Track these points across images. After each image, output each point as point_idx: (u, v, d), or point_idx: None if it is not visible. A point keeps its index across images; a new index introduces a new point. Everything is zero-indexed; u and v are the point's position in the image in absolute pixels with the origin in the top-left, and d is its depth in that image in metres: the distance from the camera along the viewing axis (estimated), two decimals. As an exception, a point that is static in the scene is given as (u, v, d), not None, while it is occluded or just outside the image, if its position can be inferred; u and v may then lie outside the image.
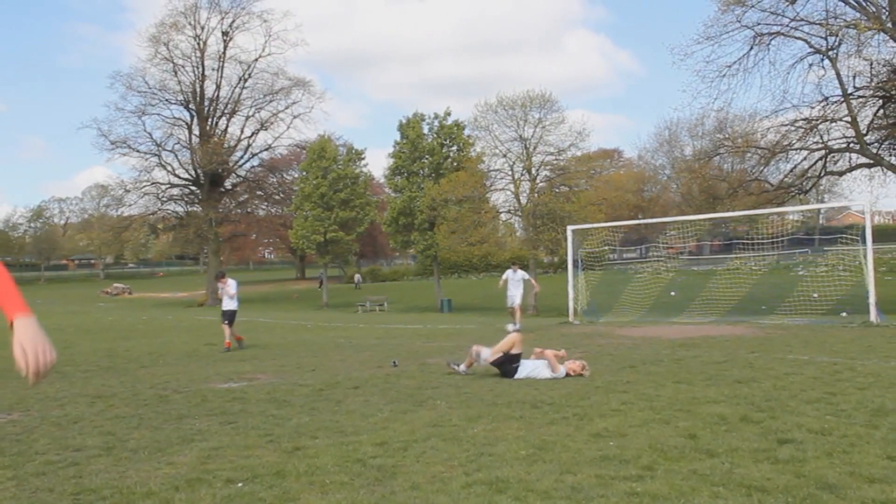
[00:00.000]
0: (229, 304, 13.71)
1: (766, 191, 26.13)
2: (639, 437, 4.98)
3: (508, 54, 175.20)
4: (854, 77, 22.61)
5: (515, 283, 16.63)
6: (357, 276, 61.99)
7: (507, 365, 8.20)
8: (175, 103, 48.23)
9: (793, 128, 23.93)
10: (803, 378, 7.42)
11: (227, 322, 13.53)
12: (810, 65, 22.99)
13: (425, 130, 39.17)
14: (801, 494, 3.62)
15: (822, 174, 25.25)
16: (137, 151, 47.42)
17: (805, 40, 22.66)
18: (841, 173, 25.45)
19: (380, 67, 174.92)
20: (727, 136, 29.22)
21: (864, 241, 14.68)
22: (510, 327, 14.99)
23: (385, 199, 45.81)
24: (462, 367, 8.57)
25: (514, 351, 8.18)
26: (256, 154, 51.36)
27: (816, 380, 7.28)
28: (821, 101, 23.16)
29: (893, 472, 3.95)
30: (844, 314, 16.33)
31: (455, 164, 37.75)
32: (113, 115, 50.00)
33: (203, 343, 14.88)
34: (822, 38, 22.26)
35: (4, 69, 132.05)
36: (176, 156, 48.67)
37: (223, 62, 48.31)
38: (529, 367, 8.24)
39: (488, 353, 8.14)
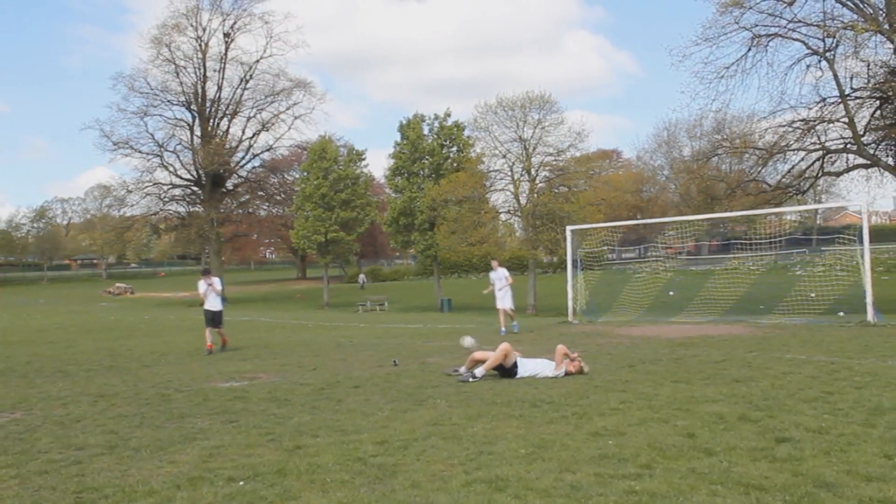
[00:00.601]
0: (216, 304, 13.58)
1: (763, 191, 26.15)
2: (637, 435, 5.02)
3: (508, 55, 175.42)
4: (851, 78, 22.63)
5: (500, 282, 15.71)
6: (361, 277, 62.28)
7: (505, 371, 8.21)
8: (177, 104, 48.35)
9: (790, 129, 23.96)
10: (801, 377, 7.45)
11: (218, 326, 13.44)
12: (808, 66, 23.03)
13: (425, 131, 39.26)
14: (799, 493, 3.65)
15: (819, 175, 25.26)
16: (139, 152, 47.54)
17: (803, 42, 22.70)
18: (838, 174, 25.47)
19: (380, 68, 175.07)
20: (725, 136, 29.24)
21: (861, 242, 14.70)
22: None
23: (385, 199, 45.88)
24: (462, 369, 8.55)
25: (508, 363, 8.18)
26: (258, 155, 51.49)
27: (814, 379, 7.32)
28: (818, 102, 23.20)
29: (890, 471, 3.98)
30: (842, 314, 16.37)
31: (455, 164, 37.83)
32: (115, 115, 50.07)
33: (204, 342, 14.87)
34: (819, 39, 22.30)
35: (7, 70, 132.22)
36: (178, 156, 48.81)
37: (224, 63, 48.41)
38: (531, 367, 8.25)
39: (482, 371, 8.14)
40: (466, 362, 8.56)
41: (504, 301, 15.55)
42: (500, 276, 15.79)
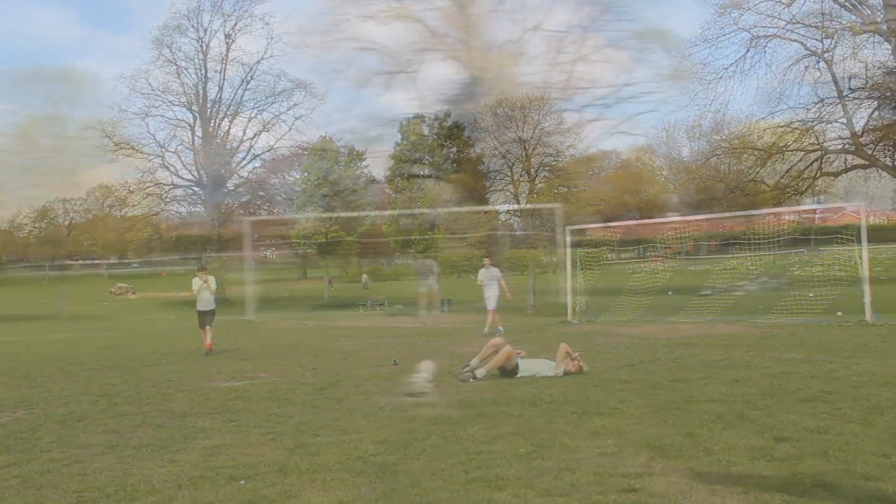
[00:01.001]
0: (209, 304, 13.34)
1: (762, 192, 26.20)
2: (637, 435, 5.04)
3: (507, 55, 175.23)
4: (849, 79, 22.69)
5: (490, 282, 15.55)
6: (364, 277, 62.43)
7: (506, 372, 8.22)
8: (178, 105, 48.45)
9: (789, 129, 24.03)
10: (799, 377, 7.46)
11: (209, 324, 13.32)
12: (806, 67, 23.12)
13: (425, 131, 39.33)
14: (798, 492, 3.67)
15: (817, 175, 25.32)
16: (141, 153, 47.64)
17: (801, 42, 22.80)
18: (836, 174, 25.55)
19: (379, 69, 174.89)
20: (724, 137, 29.33)
21: (859, 241, 14.74)
22: (498, 331, 13.97)
23: (385, 199, 45.93)
24: (474, 361, 8.49)
25: (510, 365, 8.19)
26: (258, 155, 51.59)
27: (812, 378, 7.33)
28: (816, 103, 23.29)
29: (888, 470, 4.00)
30: (840, 313, 16.38)
31: (455, 164, 37.87)
32: (116, 116, 50.17)
33: (203, 342, 14.88)
34: (817, 40, 22.39)
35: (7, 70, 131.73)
36: (179, 157, 48.94)
37: (225, 64, 48.45)
38: (531, 367, 8.27)
39: (483, 372, 8.15)
40: (484, 348, 8.52)
41: (491, 302, 15.55)
42: (491, 276, 15.71)
